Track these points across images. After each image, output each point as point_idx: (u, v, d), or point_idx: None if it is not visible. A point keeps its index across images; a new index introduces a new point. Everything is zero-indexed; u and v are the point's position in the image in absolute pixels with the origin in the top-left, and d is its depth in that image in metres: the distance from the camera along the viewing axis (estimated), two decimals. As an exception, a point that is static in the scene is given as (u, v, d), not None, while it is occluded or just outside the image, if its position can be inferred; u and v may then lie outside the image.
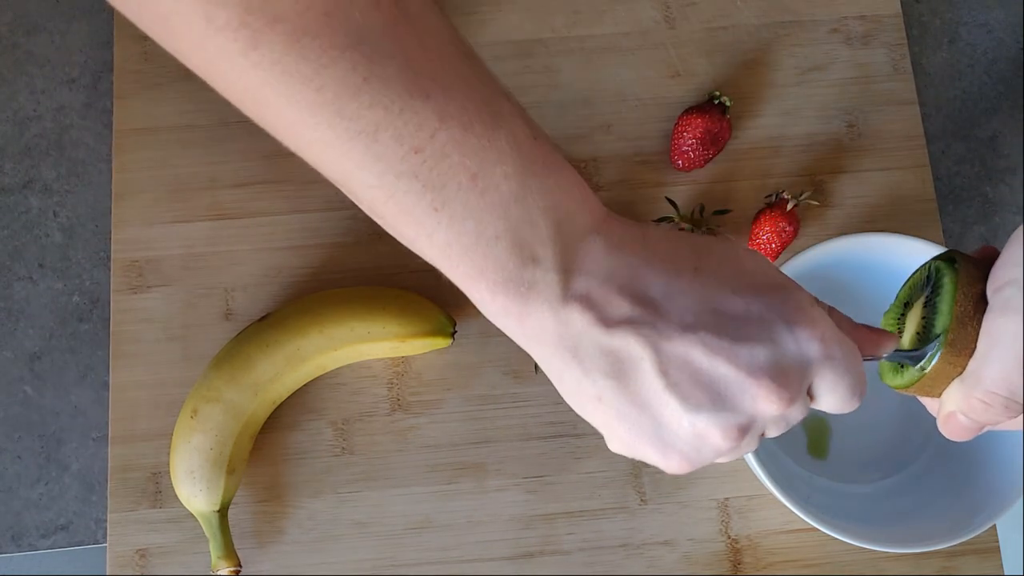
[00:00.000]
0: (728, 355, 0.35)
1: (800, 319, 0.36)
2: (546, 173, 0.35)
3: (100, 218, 0.64)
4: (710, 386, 0.35)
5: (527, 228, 0.34)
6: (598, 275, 0.35)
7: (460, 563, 0.59)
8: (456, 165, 0.33)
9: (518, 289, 0.35)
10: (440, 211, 0.34)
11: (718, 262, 0.37)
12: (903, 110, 0.67)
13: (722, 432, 0.36)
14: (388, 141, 0.32)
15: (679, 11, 0.68)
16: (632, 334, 0.35)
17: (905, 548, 0.53)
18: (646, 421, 0.36)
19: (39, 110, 0.66)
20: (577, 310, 0.35)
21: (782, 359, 0.36)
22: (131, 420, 0.60)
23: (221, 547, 0.56)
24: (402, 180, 0.33)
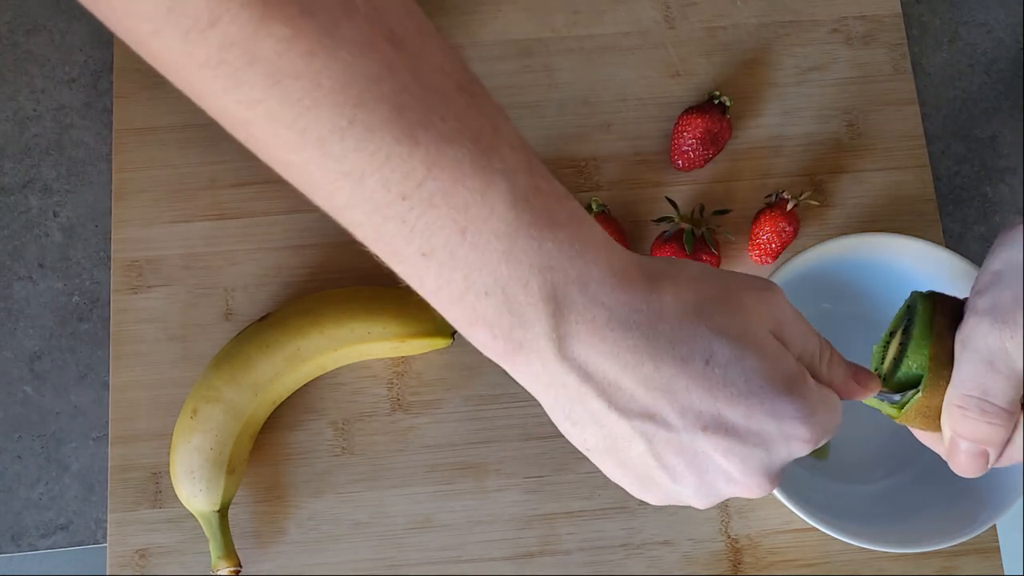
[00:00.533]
0: (724, 455, 0.36)
1: (799, 433, 0.37)
2: (547, 231, 0.33)
3: (100, 218, 0.64)
4: (699, 476, 0.37)
5: (518, 289, 0.33)
6: (600, 350, 0.34)
7: (460, 563, 0.59)
8: (444, 217, 0.32)
9: (509, 343, 0.34)
10: (429, 258, 0.33)
11: (732, 354, 0.36)
12: (903, 110, 0.67)
13: (700, 500, 0.38)
14: (374, 186, 0.31)
15: (679, 11, 0.68)
16: (628, 422, 0.35)
17: (905, 548, 0.53)
18: (631, 475, 0.37)
19: (39, 110, 0.66)
20: (573, 379, 0.35)
21: (774, 462, 0.38)
22: (131, 420, 0.60)
23: (221, 547, 0.56)
24: (389, 224, 0.32)
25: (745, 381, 0.36)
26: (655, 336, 0.35)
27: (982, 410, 0.43)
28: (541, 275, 0.33)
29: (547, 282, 0.33)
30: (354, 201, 0.32)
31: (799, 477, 0.58)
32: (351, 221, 0.33)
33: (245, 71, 0.29)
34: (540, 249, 0.33)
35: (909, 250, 0.57)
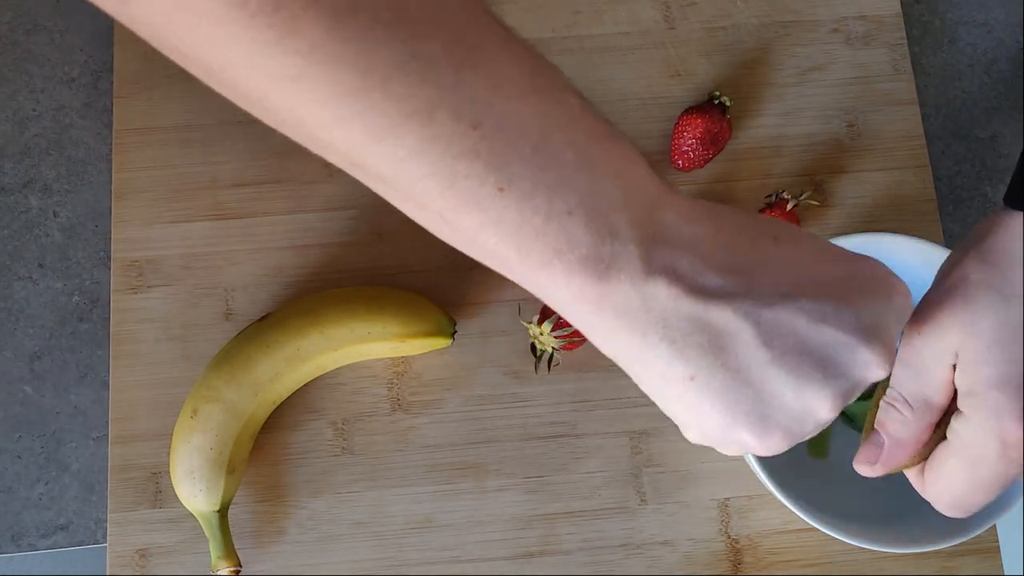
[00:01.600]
0: (835, 320, 0.34)
1: (893, 285, 0.36)
2: (603, 143, 0.33)
3: (100, 218, 0.64)
4: (819, 354, 0.34)
5: (599, 199, 0.32)
6: (680, 245, 0.33)
7: (460, 563, 0.59)
8: (516, 138, 0.31)
9: (597, 267, 0.32)
10: (506, 191, 0.31)
11: (792, 234, 0.35)
12: (903, 110, 0.67)
13: (830, 402, 0.35)
14: (445, 119, 0.30)
15: (679, 11, 0.68)
16: (728, 305, 0.33)
17: (905, 548, 0.53)
18: (746, 398, 0.34)
19: (39, 109, 0.66)
20: (663, 283, 0.33)
21: (883, 318, 0.35)
22: (131, 420, 0.60)
23: (221, 547, 0.56)
24: (461, 162, 0.31)
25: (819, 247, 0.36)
26: (724, 225, 0.34)
27: (908, 406, 0.42)
28: (615, 180, 0.33)
29: (620, 187, 0.33)
30: (422, 145, 0.30)
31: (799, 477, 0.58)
32: (413, 174, 0.31)
33: (303, 15, 0.27)
34: (606, 156, 0.33)
35: (909, 250, 0.57)
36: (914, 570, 0.59)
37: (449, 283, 0.63)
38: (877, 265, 0.37)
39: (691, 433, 0.36)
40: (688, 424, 0.36)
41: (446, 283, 0.63)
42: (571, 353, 0.61)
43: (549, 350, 0.57)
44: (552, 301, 0.34)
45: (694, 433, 0.36)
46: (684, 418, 0.36)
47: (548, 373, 0.60)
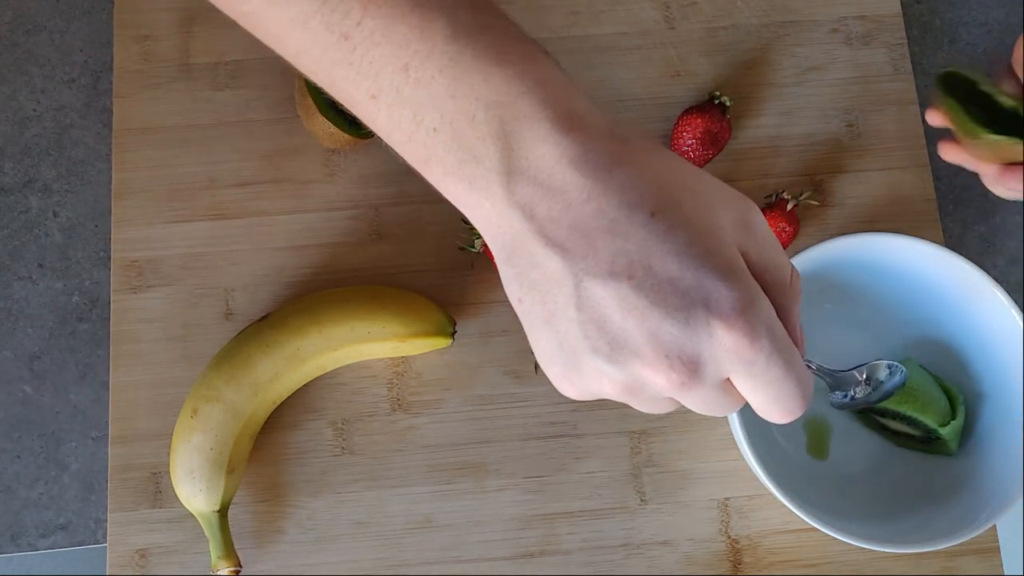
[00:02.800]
0: (637, 317, 0.33)
1: (725, 316, 0.33)
2: (494, 66, 0.33)
3: (100, 218, 0.64)
4: (611, 337, 0.34)
5: (465, 124, 0.33)
6: (546, 187, 0.33)
7: (460, 563, 0.59)
8: (387, 55, 0.33)
9: (462, 181, 0.34)
10: (377, 99, 0.34)
11: (681, 218, 0.33)
12: (903, 110, 0.67)
13: (610, 382, 0.35)
14: (318, 28, 0.33)
15: (679, 11, 0.68)
16: (561, 258, 0.33)
17: (905, 548, 0.53)
18: (553, 337, 0.35)
19: (39, 110, 0.66)
20: (517, 217, 0.34)
21: (686, 345, 0.33)
22: (131, 420, 0.60)
23: (221, 547, 0.56)
24: (337, 67, 0.34)
25: (687, 244, 0.33)
26: (607, 180, 0.33)
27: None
28: (488, 109, 0.33)
29: (495, 116, 0.33)
30: (303, 46, 0.34)
31: (799, 477, 0.58)
32: (307, 68, 0.35)
33: None
34: (486, 83, 0.33)
35: (909, 250, 0.57)
36: (914, 570, 0.59)
37: (449, 283, 0.63)
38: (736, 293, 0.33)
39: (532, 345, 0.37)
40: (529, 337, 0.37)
41: (446, 283, 0.63)
42: (571, 353, 0.61)
43: (549, 350, 0.57)
44: (438, 189, 0.36)
45: (532, 346, 0.37)
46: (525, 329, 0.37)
47: (548, 373, 0.60)
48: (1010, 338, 0.55)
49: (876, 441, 0.61)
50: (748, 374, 0.34)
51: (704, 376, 0.34)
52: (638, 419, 0.61)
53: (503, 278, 0.36)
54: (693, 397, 0.35)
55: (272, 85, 0.65)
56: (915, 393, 0.57)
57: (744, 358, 0.33)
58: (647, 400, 0.36)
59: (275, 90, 0.65)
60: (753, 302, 0.33)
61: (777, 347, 0.34)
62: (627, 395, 0.35)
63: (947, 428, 0.57)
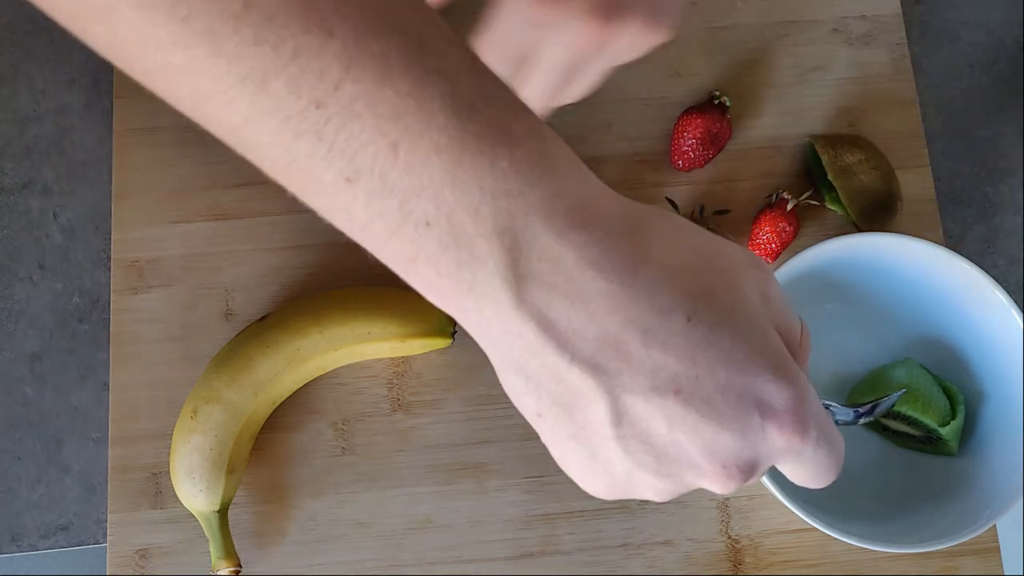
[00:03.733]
0: (688, 432, 0.30)
1: (779, 418, 0.31)
2: (501, 147, 0.27)
3: (100, 219, 0.64)
4: (661, 451, 0.31)
5: (466, 217, 0.27)
6: (565, 294, 0.29)
7: (461, 563, 0.59)
8: (370, 129, 0.26)
9: (457, 287, 0.29)
10: (354, 183, 0.27)
11: (718, 316, 0.30)
12: (903, 110, 0.67)
13: (655, 492, 0.33)
14: (281, 92, 0.25)
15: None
16: (592, 377, 0.30)
17: (905, 548, 0.53)
18: (583, 454, 0.32)
19: (39, 110, 0.66)
20: (531, 328, 0.29)
21: (743, 452, 0.31)
22: (131, 421, 0.60)
23: (221, 547, 0.56)
24: (303, 142, 0.26)
25: (730, 346, 0.30)
26: (633, 283, 0.29)
27: None
28: (495, 201, 0.27)
29: (502, 210, 0.27)
30: (256, 114, 0.26)
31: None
32: (255, 143, 0.27)
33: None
34: (493, 168, 0.27)
35: (909, 250, 0.57)
36: (914, 570, 0.59)
37: (449, 283, 0.62)
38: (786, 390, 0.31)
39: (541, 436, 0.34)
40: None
41: (446, 283, 0.62)
42: (571, 353, 0.61)
43: (549, 350, 0.57)
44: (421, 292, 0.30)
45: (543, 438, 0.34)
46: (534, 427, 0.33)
47: (548, 373, 0.60)
48: (1011, 338, 0.55)
49: (876, 441, 0.61)
50: (797, 462, 0.33)
51: (758, 473, 0.33)
52: (638, 419, 0.61)
53: (511, 390, 0.32)
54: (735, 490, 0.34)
55: (272, 85, 0.65)
56: (915, 393, 0.57)
57: (796, 451, 0.32)
58: None
59: (275, 90, 0.65)
60: (801, 399, 0.31)
61: (824, 434, 0.33)
62: (672, 497, 0.33)
63: (947, 428, 0.57)
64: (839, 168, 0.61)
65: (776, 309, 0.33)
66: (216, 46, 0.25)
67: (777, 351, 0.31)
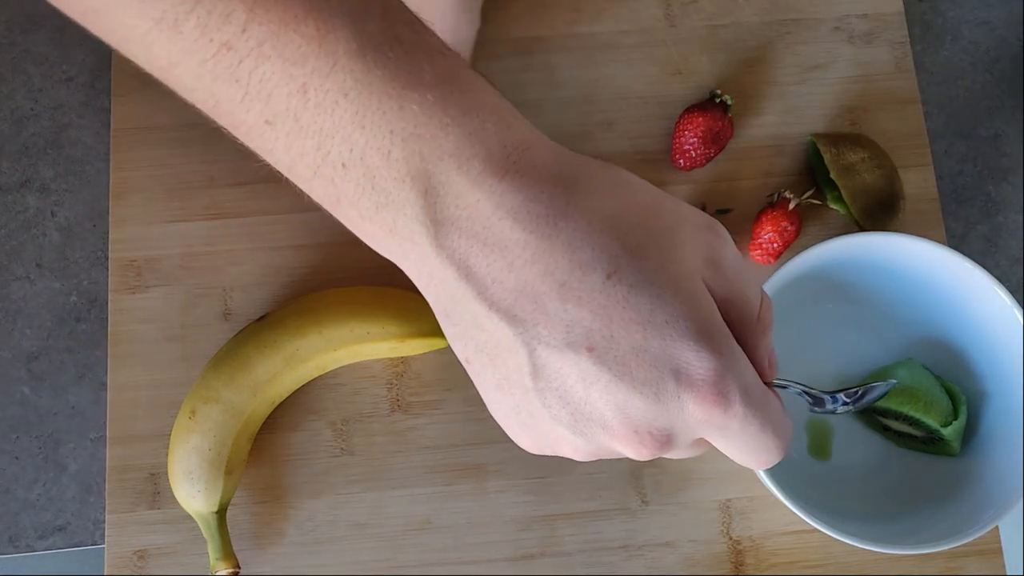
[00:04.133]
0: (601, 391, 0.30)
1: (697, 388, 0.30)
2: (410, 90, 0.27)
3: (98, 217, 0.64)
4: (576, 408, 0.31)
5: (379, 160, 0.27)
6: (484, 242, 0.29)
7: (460, 564, 0.58)
8: (280, 72, 0.26)
9: (381, 227, 0.29)
10: (273, 125, 0.27)
11: (642, 277, 0.29)
12: (905, 109, 0.66)
13: (574, 449, 0.33)
14: (193, 34, 0.26)
15: (680, 9, 0.67)
16: (510, 327, 0.29)
17: (907, 549, 0.53)
18: (509, 400, 0.32)
19: (37, 109, 0.65)
20: (452, 274, 0.29)
21: (657, 418, 0.30)
22: (129, 420, 0.60)
23: (219, 548, 0.55)
24: (221, 84, 0.27)
25: (650, 309, 0.29)
26: (553, 234, 0.29)
27: None
28: (406, 144, 0.27)
29: (414, 153, 0.27)
30: (175, 56, 0.26)
31: (801, 478, 0.58)
32: (182, 85, 0.28)
33: None
34: (402, 111, 0.27)
35: (911, 250, 0.56)
36: (916, 571, 0.59)
37: (449, 283, 0.62)
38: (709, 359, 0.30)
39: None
40: None
41: (446, 283, 0.62)
42: (571, 353, 0.61)
43: (549, 350, 0.57)
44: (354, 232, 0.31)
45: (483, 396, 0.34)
46: None
47: (548, 373, 0.60)
48: (1013, 338, 0.55)
49: (878, 442, 0.60)
50: (722, 436, 0.32)
51: (675, 444, 0.32)
52: (639, 419, 0.60)
53: (446, 335, 0.32)
54: (665, 456, 0.33)
55: (271, 84, 0.65)
56: (917, 393, 0.57)
57: (716, 425, 0.31)
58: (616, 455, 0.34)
59: (274, 89, 0.65)
60: (725, 370, 0.30)
61: (752, 409, 0.31)
62: (591, 458, 0.33)
63: (949, 428, 0.56)
64: (841, 167, 0.61)
65: (727, 277, 0.32)
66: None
67: (705, 318, 0.30)
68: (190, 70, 0.27)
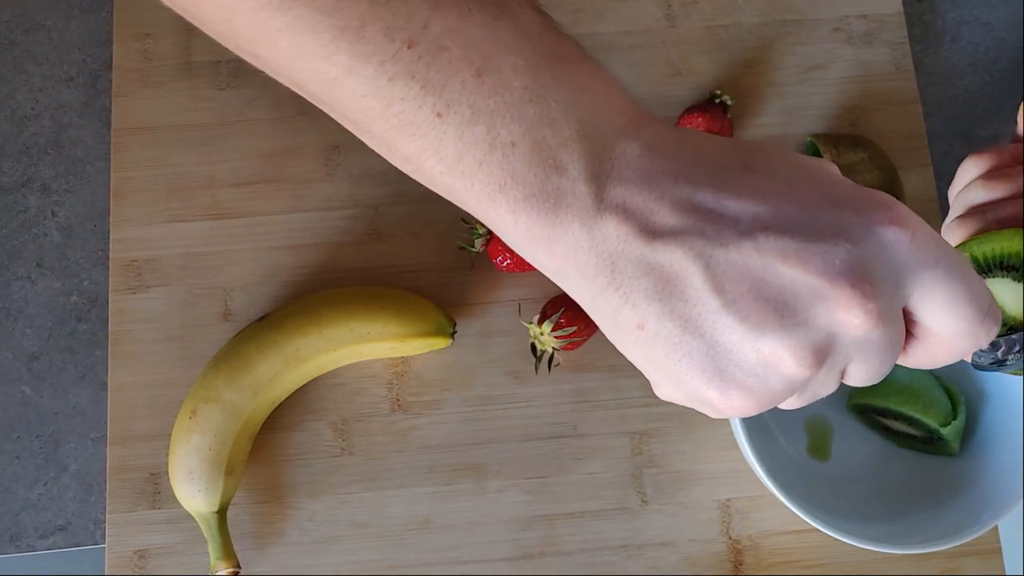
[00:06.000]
0: (797, 258, 0.29)
1: (886, 217, 0.30)
2: (564, 66, 0.31)
3: (98, 217, 0.64)
4: (777, 298, 0.29)
5: (547, 130, 0.30)
6: (635, 180, 0.30)
7: (460, 564, 0.59)
8: (457, 59, 0.29)
9: (543, 204, 0.30)
10: (444, 117, 0.29)
11: (769, 161, 0.31)
12: (905, 109, 0.66)
13: (794, 355, 0.29)
14: (376, 36, 0.28)
15: (680, 9, 0.67)
16: (678, 245, 0.29)
17: (906, 549, 0.53)
18: (699, 350, 0.30)
19: (37, 109, 0.65)
20: (613, 222, 0.30)
21: (865, 260, 0.29)
22: (130, 420, 0.60)
23: (220, 548, 0.55)
24: (397, 83, 0.29)
25: (794, 174, 0.31)
26: (690, 155, 0.31)
27: None
28: (568, 111, 0.30)
29: (575, 119, 0.30)
30: (355, 63, 0.28)
31: (801, 478, 0.58)
32: (349, 95, 0.30)
33: None
34: (561, 82, 0.30)
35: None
36: (915, 571, 0.59)
37: (449, 283, 0.62)
38: (877, 200, 0.30)
39: (657, 390, 0.33)
40: (650, 378, 0.32)
41: (446, 283, 0.62)
42: (571, 353, 0.61)
43: (549, 350, 0.57)
44: (506, 239, 0.31)
45: (660, 390, 0.32)
46: (645, 371, 0.32)
47: (548, 373, 0.60)
48: (1012, 338, 0.55)
49: (877, 442, 0.60)
50: (937, 277, 0.30)
51: (896, 296, 0.30)
52: (639, 419, 0.61)
53: (608, 318, 0.31)
54: (886, 335, 0.30)
55: (273, 84, 0.65)
56: (916, 393, 0.57)
57: (929, 259, 0.30)
58: (833, 370, 0.31)
59: (276, 89, 0.65)
60: (909, 214, 0.30)
61: (951, 248, 0.31)
62: (814, 364, 0.30)
63: (948, 428, 0.56)
64: (842, 166, 0.61)
65: None
66: (319, 4, 0.28)
67: (848, 183, 0.31)
68: (366, 75, 0.29)
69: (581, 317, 0.57)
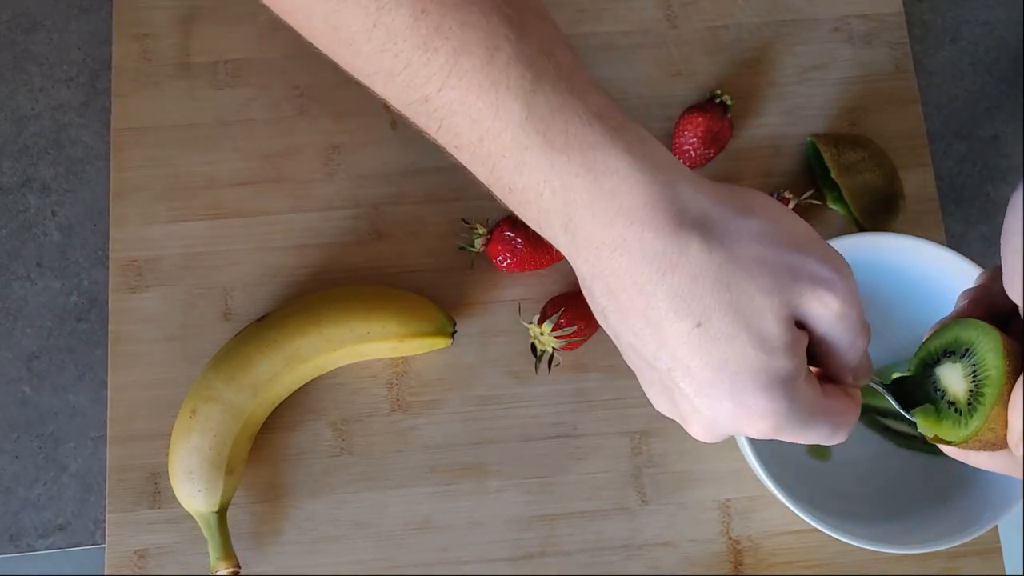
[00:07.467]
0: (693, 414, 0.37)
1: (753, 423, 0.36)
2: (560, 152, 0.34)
3: (98, 217, 0.64)
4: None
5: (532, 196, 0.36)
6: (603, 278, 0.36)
7: (460, 564, 0.59)
8: (463, 123, 0.35)
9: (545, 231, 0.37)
10: (459, 150, 0.36)
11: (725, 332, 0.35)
12: (905, 109, 0.66)
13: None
14: (401, 85, 0.35)
15: (681, 9, 0.67)
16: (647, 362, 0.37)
17: (907, 549, 0.53)
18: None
19: (37, 108, 0.65)
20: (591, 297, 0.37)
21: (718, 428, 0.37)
22: (129, 420, 0.60)
23: (220, 548, 0.55)
24: (419, 118, 0.36)
25: (725, 360, 0.35)
26: (658, 282, 0.34)
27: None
28: (553, 193, 0.35)
29: (558, 199, 0.35)
30: (388, 93, 0.36)
31: (801, 478, 0.58)
32: (396, 103, 0.37)
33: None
34: (552, 166, 0.34)
35: (911, 250, 0.56)
36: (915, 571, 0.59)
37: (449, 283, 0.62)
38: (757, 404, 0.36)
39: None
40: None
41: (446, 283, 0.62)
42: (571, 353, 0.61)
43: (549, 350, 0.57)
44: None
45: None
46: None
47: (548, 373, 0.60)
48: (1012, 338, 0.55)
49: (878, 441, 0.60)
50: None
51: None
52: (639, 419, 0.61)
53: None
54: None
55: (272, 84, 0.65)
56: None
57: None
58: None
59: (275, 89, 0.65)
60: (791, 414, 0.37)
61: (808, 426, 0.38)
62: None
63: None
64: (842, 166, 0.61)
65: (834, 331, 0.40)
66: (356, 49, 0.35)
67: (778, 370, 0.36)
68: (400, 103, 0.36)
69: (581, 317, 0.57)
